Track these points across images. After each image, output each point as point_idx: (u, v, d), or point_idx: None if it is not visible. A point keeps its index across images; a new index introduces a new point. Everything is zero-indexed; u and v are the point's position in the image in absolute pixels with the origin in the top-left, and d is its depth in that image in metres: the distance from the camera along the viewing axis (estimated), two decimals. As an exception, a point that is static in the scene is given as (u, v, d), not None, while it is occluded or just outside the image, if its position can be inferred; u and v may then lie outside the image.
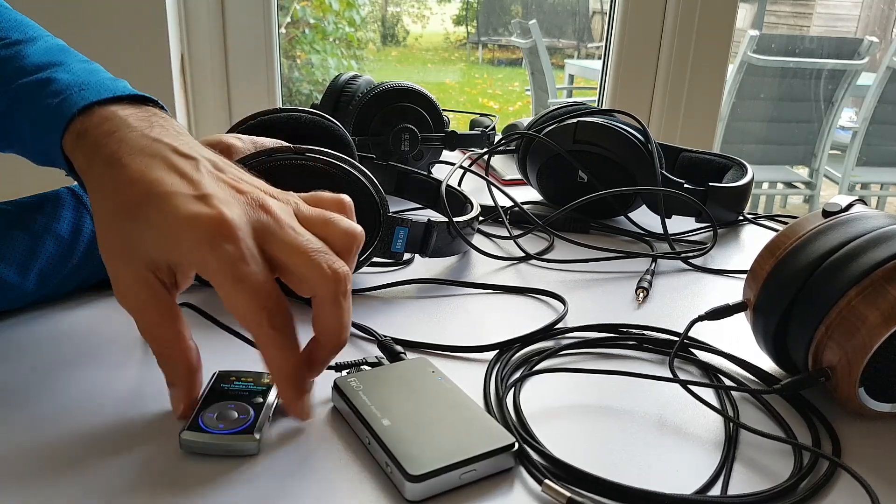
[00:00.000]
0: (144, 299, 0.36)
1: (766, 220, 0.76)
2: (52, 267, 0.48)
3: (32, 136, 0.43)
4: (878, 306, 0.37)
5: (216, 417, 0.36)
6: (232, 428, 0.35)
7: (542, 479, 0.34)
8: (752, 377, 0.45)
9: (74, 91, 0.41)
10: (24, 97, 0.43)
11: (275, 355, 0.35)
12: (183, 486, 0.33)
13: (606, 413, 0.41)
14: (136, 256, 0.35)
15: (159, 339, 0.37)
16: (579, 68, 3.41)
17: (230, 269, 0.34)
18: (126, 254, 0.35)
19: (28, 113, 0.43)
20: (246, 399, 0.38)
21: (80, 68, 0.44)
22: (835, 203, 0.44)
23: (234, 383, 0.39)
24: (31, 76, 0.44)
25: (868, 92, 2.72)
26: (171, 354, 0.37)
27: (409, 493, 0.33)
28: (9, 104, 0.44)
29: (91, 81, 0.42)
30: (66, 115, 0.40)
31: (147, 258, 0.35)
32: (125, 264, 0.35)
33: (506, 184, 0.89)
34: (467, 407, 0.38)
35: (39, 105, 0.42)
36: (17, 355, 0.44)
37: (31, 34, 0.48)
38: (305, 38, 2.17)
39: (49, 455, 0.35)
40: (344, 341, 0.37)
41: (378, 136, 0.82)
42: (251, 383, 0.39)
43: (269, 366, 0.35)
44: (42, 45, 0.47)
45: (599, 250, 0.65)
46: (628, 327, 0.51)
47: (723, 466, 0.36)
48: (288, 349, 0.35)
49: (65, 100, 0.41)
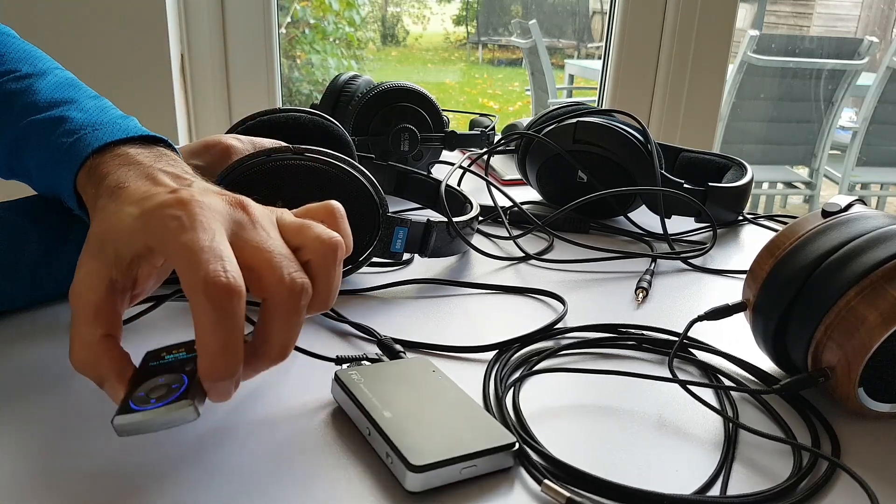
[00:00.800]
0: (85, 291, 0.35)
1: (766, 220, 0.76)
2: (43, 269, 0.48)
3: (41, 172, 0.45)
4: (878, 306, 0.37)
5: (147, 395, 0.33)
6: (164, 399, 0.32)
7: (542, 479, 0.34)
8: (752, 377, 0.45)
9: (88, 131, 0.43)
10: (36, 134, 0.45)
11: (208, 328, 0.32)
12: (181, 481, 0.33)
13: (606, 413, 0.41)
14: (104, 251, 0.35)
15: (86, 344, 0.35)
16: (579, 68, 3.41)
17: (176, 238, 0.33)
18: (96, 250, 0.36)
19: (39, 150, 0.45)
20: (177, 369, 0.35)
21: (92, 106, 0.46)
22: (834, 203, 0.44)
23: (165, 357, 0.36)
24: (43, 113, 0.45)
25: (868, 92, 2.73)
26: (100, 353, 0.35)
27: (409, 484, 0.33)
28: (17, 139, 0.46)
29: (104, 121, 0.44)
30: (81, 155, 0.42)
31: (113, 252, 0.35)
32: (90, 258, 0.35)
33: (505, 184, 0.89)
34: (468, 405, 0.38)
35: (52, 143, 0.44)
36: (17, 355, 0.44)
37: (42, 67, 0.50)
38: (305, 38, 2.17)
39: (51, 456, 0.35)
40: (281, 357, 0.35)
41: (378, 136, 0.82)
42: (183, 353, 0.36)
43: (201, 334, 0.32)
44: (52, 81, 0.48)
45: (599, 250, 0.65)
46: (628, 327, 0.51)
47: (722, 467, 0.36)
48: (226, 328, 0.32)
49: (79, 139, 0.43)
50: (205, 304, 0.32)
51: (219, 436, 0.37)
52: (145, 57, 1.15)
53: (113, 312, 0.35)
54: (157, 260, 0.37)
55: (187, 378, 0.34)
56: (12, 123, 0.46)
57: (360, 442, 0.37)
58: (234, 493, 0.33)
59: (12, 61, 0.49)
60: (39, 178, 0.46)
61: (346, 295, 0.54)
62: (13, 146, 0.46)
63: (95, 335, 0.35)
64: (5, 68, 0.49)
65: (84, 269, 0.36)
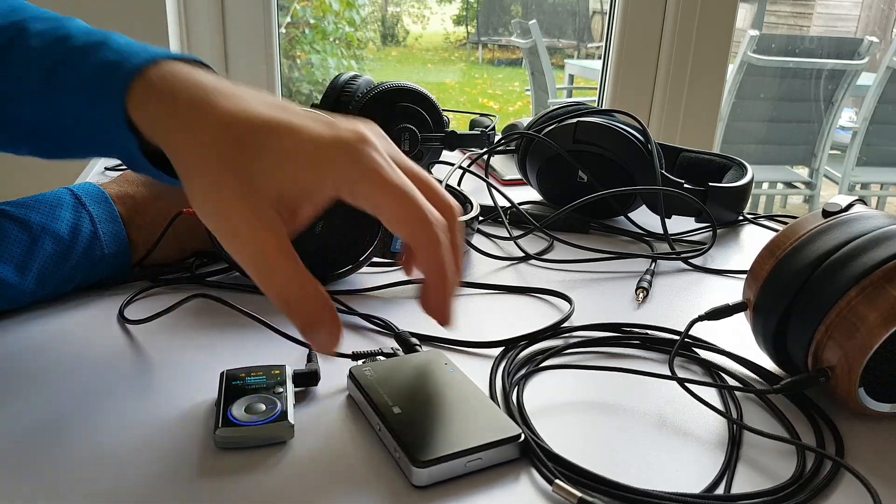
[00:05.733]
0: (265, 240, 0.32)
1: (766, 220, 0.76)
2: (50, 267, 0.48)
3: (80, 99, 0.39)
4: (878, 306, 0.37)
5: (245, 411, 0.37)
6: (266, 418, 0.36)
7: (553, 478, 0.34)
8: (754, 376, 0.45)
9: (137, 49, 0.39)
10: (76, 59, 0.39)
11: (439, 256, 0.34)
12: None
13: (610, 412, 0.41)
14: (259, 193, 0.32)
15: (286, 283, 0.33)
16: (579, 68, 3.40)
17: (381, 175, 0.33)
18: (248, 192, 0.32)
19: (78, 74, 0.39)
20: (266, 391, 0.39)
21: (128, 40, 0.41)
22: (835, 203, 0.44)
23: (247, 379, 0.40)
24: (82, 41, 0.40)
25: (868, 92, 2.72)
26: (303, 294, 0.33)
27: (415, 479, 0.34)
28: (50, 70, 0.40)
29: (146, 46, 0.39)
30: (132, 67, 0.37)
31: (273, 192, 0.33)
32: (246, 204, 0.32)
33: (505, 184, 0.89)
34: (476, 398, 0.39)
35: (96, 62, 0.38)
36: (18, 355, 0.44)
37: (59, 15, 0.44)
38: (305, 38, 2.17)
39: (58, 457, 0.35)
40: (458, 280, 0.36)
41: (378, 136, 0.81)
42: (263, 377, 0.40)
43: (433, 269, 0.35)
44: (79, 23, 0.43)
45: (599, 251, 0.64)
46: (630, 327, 0.51)
47: (727, 467, 0.36)
48: (449, 251, 0.35)
49: (128, 56, 0.38)
50: (431, 236, 0.34)
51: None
52: (145, 57, 1.15)
53: (293, 249, 0.33)
54: (324, 198, 0.34)
55: (279, 401, 0.38)
56: (43, 58, 0.40)
57: (373, 435, 0.38)
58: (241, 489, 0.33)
59: (30, 10, 0.44)
60: (78, 111, 0.39)
61: (346, 295, 0.54)
62: (44, 82, 0.40)
63: (303, 275, 0.33)
64: (24, 16, 0.43)
65: (240, 222, 0.32)
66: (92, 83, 0.38)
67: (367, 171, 0.33)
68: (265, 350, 0.46)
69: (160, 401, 0.40)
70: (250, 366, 0.41)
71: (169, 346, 0.46)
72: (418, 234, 0.34)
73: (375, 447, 0.37)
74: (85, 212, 0.51)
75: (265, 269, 0.33)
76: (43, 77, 0.40)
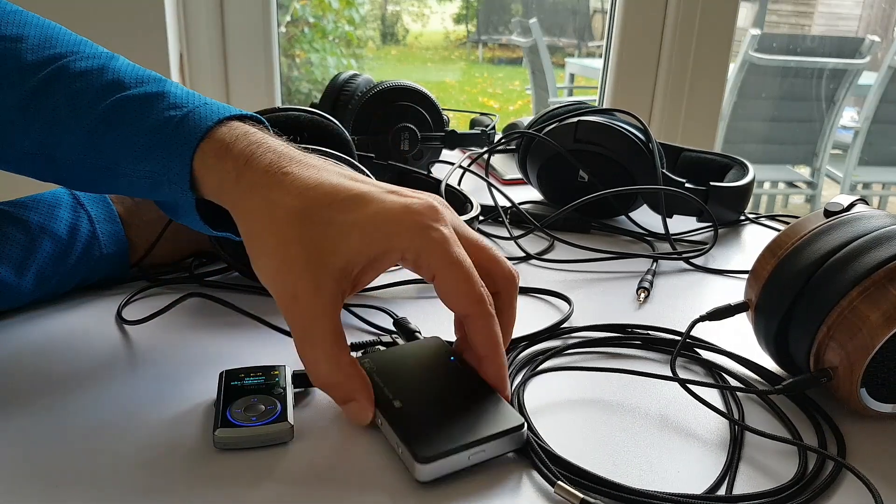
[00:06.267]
0: (319, 315, 0.34)
1: (768, 219, 0.76)
2: (49, 267, 0.48)
3: (136, 154, 0.39)
4: (880, 306, 0.37)
5: (244, 412, 0.37)
6: (265, 419, 0.36)
7: (555, 480, 0.34)
8: (755, 376, 0.45)
9: (199, 103, 0.39)
10: (130, 111, 0.39)
11: (494, 332, 0.37)
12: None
13: (611, 412, 0.41)
14: (326, 266, 0.34)
15: (327, 359, 0.35)
16: (580, 67, 3.40)
17: (447, 251, 0.35)
18: (315, 264, 0.34)
19: (134, 128, 0.39)
20: (266, 391, 0.38)
21: (183, 88, 0.42)
22: (836, 203, 0.43)
23: (246, 379, 0.39)
24: (135, 90, 0.40)
25: (870, 91, 2.72)
26: (340, 373, 0.35)
27: (419, 475, 0.33)
28: (101, 120, 0.40)
29: (205, 99, 0.40)
30: (201, 126, 0.37)
31: (340, 264, 0.34)
32: (311, 276, 0.34)
33: (506, 183, 0.89)
34: (477, 389, 0.38)
35: (156, 118, 0.39)
36: (16, 355, 0.44)
37: (105, 51, 0.44)
38: (305, 37, 2.17)
39: (56, 457, 0.35)
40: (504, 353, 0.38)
41: (377, 135, 0.81)
42: (262, 377, 0.40)
43: (488, 343, 0.37)
44: (124, 62, 0.43)
45: (600, 251, 0.64)
46: (631, 328, 0.50)
47: (728, 468, 0.36)
48: (498, 328, 0.37)
49: (194, 113, 0.38)
50: (485, 313, 0.36)
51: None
52: (144, 56, 1.14)
53: (341, 327, 0.35)
54: (388, 265, 0.36)
55: (279, 401, 0.37)
56: (92, 106, 0.40)
57: (373, 432, 0.37)
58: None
59: (67, 44, 0.43)
60: (131, 163, 0.39)
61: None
62: (93, 130, 0.40)
63: (342, 357, 0.35)
64: (61, 51, 0.42)
65: (304, 292, 0.33)
66: (156, 140, 0.38)
67: (434, 245, 0.35)
68: (264, 350, 0.46)
69: (158, 401, 0.40)
70: (249, 366, 0.41)
71: (168, 345, 0.46)
72: (474, 310, 0.36)
73: (377, 444, 0.37)
74: (83, 212, 0.50)
75: (309, 342, 0.35)
76: (93, 125, 0.40)
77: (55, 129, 0.40)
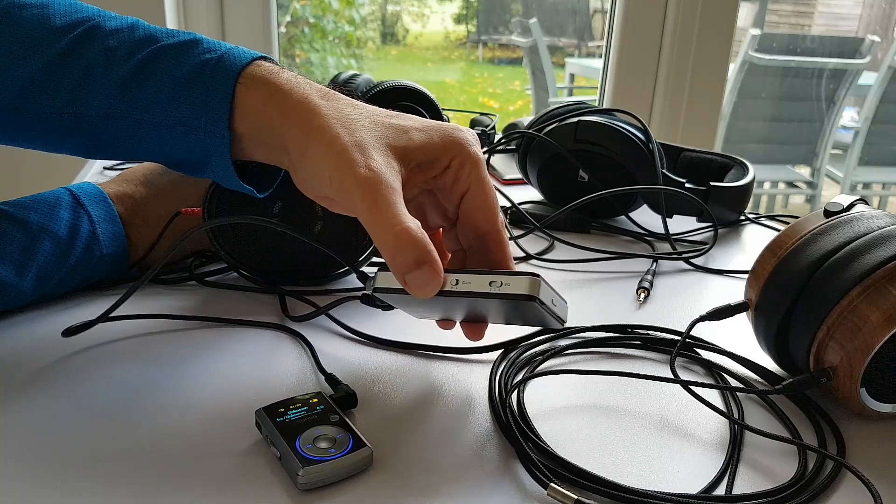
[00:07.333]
0: (396, 179, 0.37)
1: (768, 219, 0.76)
2: (49, 267, 0.48)
3: (174, 97, 0.41)
4: (880, 306, 0.37)
5: (315, 445, 0.35)
6: (342, 449, 0.34)
7: (548, 482, 0.33)
8: (755, 376, 0.45)
9: (231, 48, 0.42)
10: (168, 58, 0.42)
11: (508, 247, 0.42)
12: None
13: (611, 412, 0.41)
14: (393, 147, 0.38)
15: (397, 217, 0.35)
16: (580, 67, 3.40)
17: (484, 169, 0.40)
18: (382, 144, 0.37)
19: (172, 74, 0.41)
20: (319, 421, 0.36)
21: (214, 40, 0.45)
22: (836, 203, 0.43)
23: (289, 413, 0.37)
24: (168, 40, 0.43)
25: (870, 91, 2.72)
26: (412, 230, 0.35)
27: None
28: (138, 71, 0.42)
29: (232, 47, 0.43)
30: (243, 59, 0.41)
31: (401, 153, 0.38)
32: (383, 152, 0.37)
33: (506, 183, 0.89)
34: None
35: (193, 61, 0.41)
36: (17, 355, 0.44)
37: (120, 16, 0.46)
38: (305, 37, 2.17)
39: (56, 458, 0.35)
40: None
41: (378, 135, 0.81)
42: (304, 408, 0.37)
43: (507, 256, 0.41)
44: (148, 24, 0.46)
45: (600, 251, 0.64)
46: (631, 328, 0.50)
47: (727, 467, 0.36)
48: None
49: (230, 51, 0.42)
50: (503, 229, 0.41)
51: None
52: (145, 56, 1.14)
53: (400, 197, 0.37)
54: (433, 173, 0.40)
55: (343, 428, 0.36)
56: (126, 59, 0.42)
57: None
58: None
59: (92, 10, 0.45)
60: (165, 110, 0.41)
61: (346, 294, 0.54)
62: (127, 81, 0.41)
63: (409, 216, 0.36)
64: (88, 14, 0.44)
65: (381, 160, 0.36)
66: (195, 79, 0.41)
67: (477, 161, 0.40)
68: (264, 349, 0.46)
69: (159, 402, 0.40)
70: (280, 400, 0.38)
71: (167, 346, 0.46)
72: (496, 226, 0.41)
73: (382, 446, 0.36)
74: (84, 212, 0.50)
75: (390, 202, 0.36)
76: (127, 77, 0.42)
77: (86, 85, 0.42)
